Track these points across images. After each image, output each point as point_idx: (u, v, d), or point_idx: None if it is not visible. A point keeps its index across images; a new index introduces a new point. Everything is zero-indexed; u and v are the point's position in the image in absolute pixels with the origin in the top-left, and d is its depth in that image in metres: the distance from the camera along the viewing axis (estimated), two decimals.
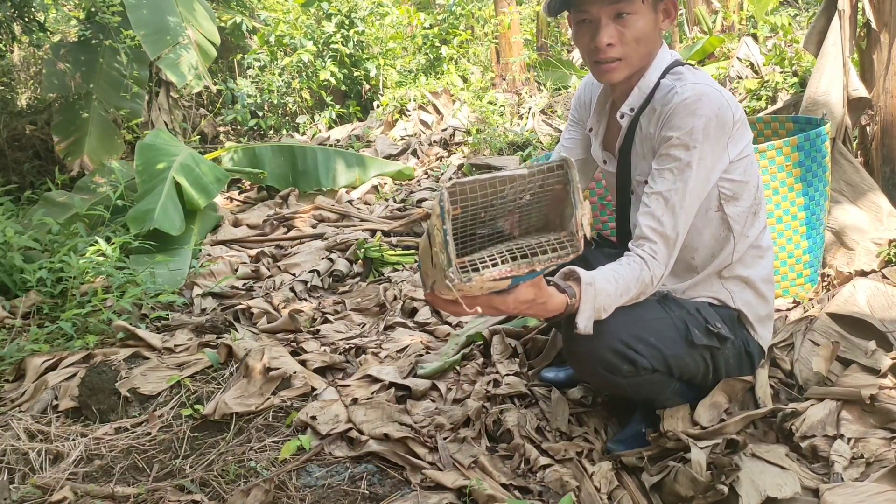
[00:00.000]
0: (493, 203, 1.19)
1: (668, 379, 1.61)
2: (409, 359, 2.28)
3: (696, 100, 1.51)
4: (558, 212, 1.25)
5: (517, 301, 1.33)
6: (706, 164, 1.53)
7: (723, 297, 1.67)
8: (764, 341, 1.73)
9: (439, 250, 1.14)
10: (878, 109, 2.66)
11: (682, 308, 1.61)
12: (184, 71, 4.93)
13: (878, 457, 1.52)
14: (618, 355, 1.51)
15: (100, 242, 2.98)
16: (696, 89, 1.53)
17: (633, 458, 1.63)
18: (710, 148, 1.52)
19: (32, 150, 5.43)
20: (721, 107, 1.52)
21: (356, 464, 1.72)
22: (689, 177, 1.51)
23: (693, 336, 1.57)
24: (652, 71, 1.61)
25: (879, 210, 2.48)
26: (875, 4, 2.60)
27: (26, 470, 1.77)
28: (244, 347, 2.27)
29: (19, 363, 2.31)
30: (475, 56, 8.04)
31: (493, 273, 1.15)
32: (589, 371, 1.58)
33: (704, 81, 1.56)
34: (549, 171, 1.20)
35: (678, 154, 1.52)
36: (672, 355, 1.56)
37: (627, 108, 1.65)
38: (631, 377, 1.54)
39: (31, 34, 4.86)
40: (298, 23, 7.56)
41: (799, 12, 6.31)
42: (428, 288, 1.35)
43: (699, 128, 1.50)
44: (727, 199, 1.61)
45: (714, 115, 1.51)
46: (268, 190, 5.03)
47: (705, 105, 1.51)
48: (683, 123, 1.51)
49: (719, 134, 1.53)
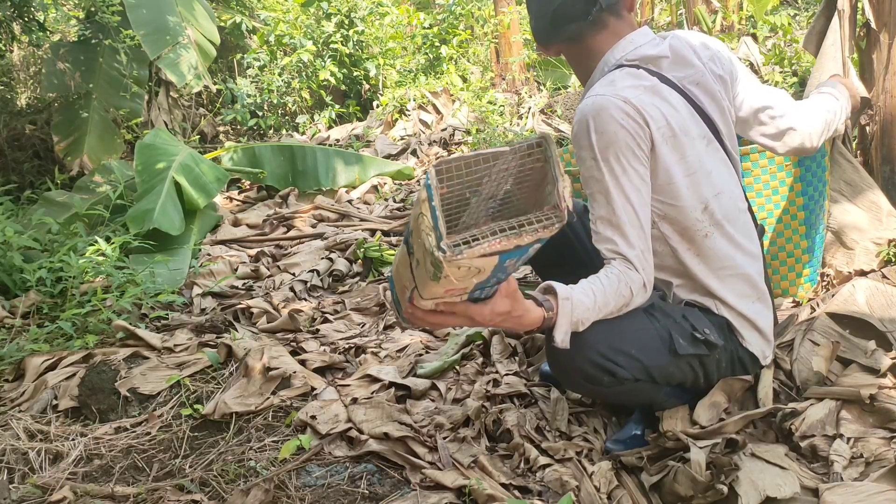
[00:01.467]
0: (478, 184, 1.19)
1: (654, 386, 1.60)
2: (409, 358, 2.28)
3: (591, 115, 1.48)
4: (538, 195, 1.25)
5: (493, 312, 1.34)
6: (626, 178, 1.49)
7: (707, 304, 1.64)
8: (757, 349, 1.68)
9: (426, 233, 1.13)
10: (878, 109, 2.66)
11: (669, 317, 1.58)
12: (183, 71, 4.94)
13: (878, 456, 1.52)
14: (597, 367, 1.50)
15: (99, 242, 2.98)
16: (593, 103, 1.49)
17: (632, 458, 1.63)
18: (620, 161, 1.48)
19: (32, 149, 5.43)
20: (623, 117, 1.47)
21: (356, 463, 1.72)
22: (614, 195, 1.49)
23: (677, 346, 1.55)
24: (595, 75, 1.63)
25: (879, 210, 2.48)
26: (875, 4, 2.60)
27: (26, 469, 1.77)
28: (244, 347, 2.27)
29: (19, 363, 2.31)
30: (475, 56, 8.04)
31: (484, 246, 1.13)
32: (570, 382, 1.59)
33: (608, 92, 1.50)
34: (528, 148, 1.19)
35: (595, 175, 1.50)
36: (654, 366, 1.54)
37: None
38: (613, 387, 1.54)
39: (31, 34, 4.86)
40: (298, 22, 7.56)
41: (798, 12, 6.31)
42: (405, 304, 1.35)
43: (599, 145, 1.47)
44: (659, 218, 1.58)
45: (614, 127, 1.47)
46: (267, 190, 5.03)
47: (602, 118, 1.47)
48: (586, 143, 1.50)
49: (629, 145, 1.48)
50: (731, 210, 1.61)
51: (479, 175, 1.18)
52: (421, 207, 1.15)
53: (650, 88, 1.53)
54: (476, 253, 1.13)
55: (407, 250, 1.27)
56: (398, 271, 1.35)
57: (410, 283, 1.29)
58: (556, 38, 1.65)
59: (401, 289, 1.36)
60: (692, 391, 1.70)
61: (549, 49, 1.69)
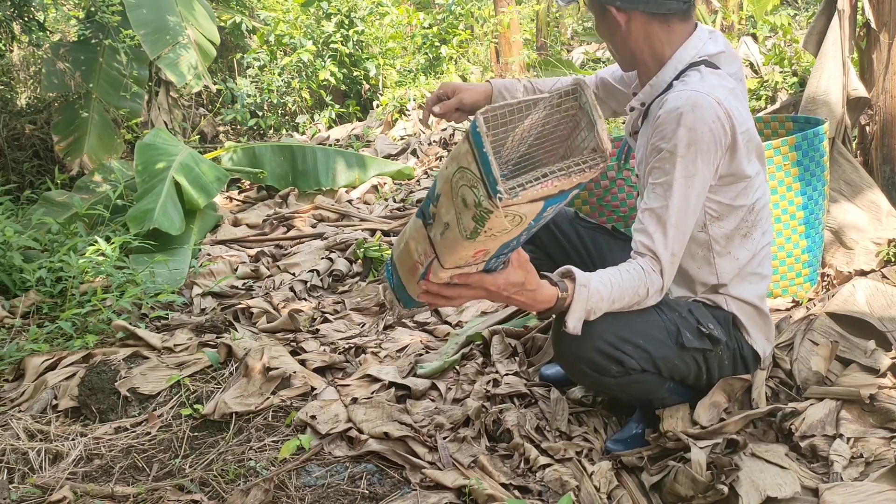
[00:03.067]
0: (502, 143, 1.18)
1: (659, 379, 1.60)
2: (409, 358, 2.28)
3: (686, 110, 1.44)
4: (566, 146, 1.24)
5: (508, 282, 1.35)
6: (695, 180, 1.47)
7: (717, 300, 1.65)
8: (759, 346, 1.70)
9: (470, 186, 1.12)
10: (878, 109, 2.66)
11: (674, 311, 1.59)
12: (183, 70, 4.93)
13: (878, 456, 1.52)
14: (604, 356, 1.50)
15: (99, 242, 2.98)
16: (689, 98, 1.45)
17: (632, 458, 1.63)
18: (696, 163, 1.46)
19: (32, 149, 5.43)
20: (714, 119, 1.44)
21: (356, 463, 1.72)
22: (675, 193, 1.47)
23: (684, 339, 1.56)
24: (666, 70, 1.57)
25: (879, 209, 2.48)
26: (875, 4, 2.60)
27: (26, 469, 1.77)
28: (244, 347, 2.27)
29: (19, 363, 2.31)
30: (475, 56, 8.04)
31: (537, 188, 1.11)
32: (577, 371, 1.58)
33: (703, 89, 1.47)
34: (565, 95, 1.19)
35: (666, 167, 1.48)
36: (660, 357, 1.55)
37: (638, 102, 1.64)
38: (620, 377, 1.54)
39: (31, 33, 4.86)
40: (298, 22, 7.56)
41: (799, 12, 6.31)
42: (415, 286, 1.36)
43: (683, 140, 1.44)
44: (712, 220, 1.58)
45: (704, 127, 1.44)
46: (267, 189, 5.02)
47: (696, 116, 1.44)
48: (670, 134, 1.46)
49: (709, 149, 1.46)
50: (765, 205, 1.65)
51: (510, 128, 1.18)
52: (461, 161, 1.15)
53: (732, 91, 1.53)
54: (530, 196, 1.12)
55: (424, 221, 1.27)
56: (407, 251, 1.35)
57: (427, 257, 1.29)
58: (645, 4, 1.52)
59: (410, 269, 1.36)
60: (693, 389, 1.70)
61: (622, 13, 1.54)
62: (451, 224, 1.20)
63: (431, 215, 1.24)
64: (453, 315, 2.66)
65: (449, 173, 1.19)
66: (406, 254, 1.36)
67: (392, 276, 1.44)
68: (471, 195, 1.13)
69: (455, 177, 1.16)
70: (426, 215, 1.26)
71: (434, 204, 1.24)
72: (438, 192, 1.22)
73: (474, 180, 1.12)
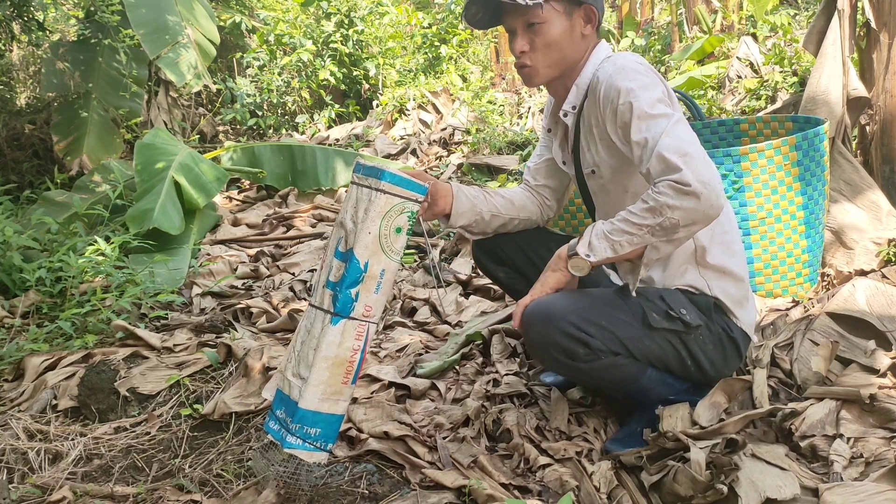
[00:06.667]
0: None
1: (635, 363, 1.61)
2: (409, 358, 2.28)
3: (620, 68, 1.57)
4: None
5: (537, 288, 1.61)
6: (658, 99, 1.54)
7: (699, 285, 1.66)
8: (746, 324, 1.70)
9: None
10: (878, 109, 2.66)
11: (641, 296, 1.62)
12: (183, 70, 4.93)
13: (878, 456, 1.52)
14: (569, 338, 1.54)
15: (99, 242, 2.98)
16: (613, 61, 1.60)
17: (632, 458, 1.62)
18: (648, 89, 1.54)
19: (31, 149, 5.42)
20: (640, 61, 1.59)
21: (356, 463, 1.72)
22: (652, 113, 1.50)
23: (651, 319, 1.58)
24: (588, 68, 1.68)
25: (879, 209, 2.48)
26: (875, 4, 2.60)
27: (25, 469, 1.77)
28: (243, 347, 2.27)
29: (18, 362, 2.31)
30: (474, 55, 8.04)
31: None
32: (547, 358, 1.61)
33: (624, 55, 1.63)
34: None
35: (631, 111, 1.52)
36: (627, 337, 1.57)
37: (569, 105, 1.71)
38: (591, 361, 1.56)
39: (31, 33, 4.86)
40: (298, 22, 7.56)
41: (799, 12, 6.30)
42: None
43: (626, 84, 1.53)
44: None
45: (635, 65, 1.57)
46: (267, 189, 5.03)
47: (625, 65, 1.57)
48: (618, 91, 1.54)
49: (648, 71, 1.57)
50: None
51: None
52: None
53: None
54: None
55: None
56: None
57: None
58: (601, 8, 1.68)
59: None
60: (685, 379, 1.70)
61: (592, 12, 1.66)
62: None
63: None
64: (453, 315, 2.66)
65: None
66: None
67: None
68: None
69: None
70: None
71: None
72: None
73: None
